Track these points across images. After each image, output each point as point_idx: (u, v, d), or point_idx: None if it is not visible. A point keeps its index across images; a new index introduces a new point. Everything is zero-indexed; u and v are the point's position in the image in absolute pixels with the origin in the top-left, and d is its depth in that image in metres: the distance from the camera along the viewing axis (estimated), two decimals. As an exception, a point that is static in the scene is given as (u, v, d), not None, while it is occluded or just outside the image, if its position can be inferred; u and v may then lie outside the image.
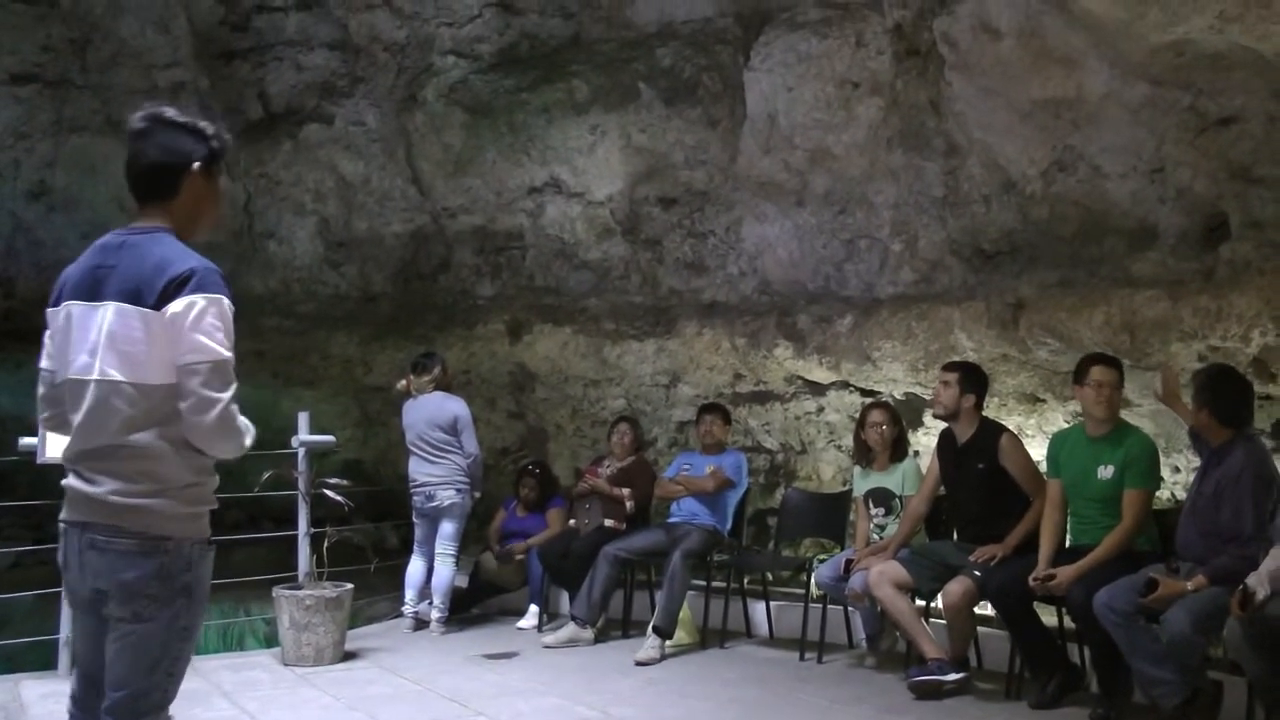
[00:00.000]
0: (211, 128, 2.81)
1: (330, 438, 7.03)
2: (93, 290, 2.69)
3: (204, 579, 2.79)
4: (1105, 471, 5.02)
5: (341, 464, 8.78)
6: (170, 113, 2.78)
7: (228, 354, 2.65)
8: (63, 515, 2.76)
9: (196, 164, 2.77)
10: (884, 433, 6.17)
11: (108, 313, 2.65)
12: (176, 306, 2.60)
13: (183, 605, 2.71)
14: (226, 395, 2.64)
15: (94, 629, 2.74)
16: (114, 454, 2.65)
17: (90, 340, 2.66)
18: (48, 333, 2.81)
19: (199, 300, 2.61)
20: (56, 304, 2.78)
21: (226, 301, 2.68)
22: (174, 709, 2.79)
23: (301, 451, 6.63)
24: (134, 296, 2.63)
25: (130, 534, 2.64)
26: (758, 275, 7.47)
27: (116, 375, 2.63)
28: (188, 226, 2.81)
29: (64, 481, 2.75)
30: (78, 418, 2.67)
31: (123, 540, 2.64)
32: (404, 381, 7.34)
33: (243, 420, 2.74)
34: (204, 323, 2.61)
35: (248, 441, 2.79)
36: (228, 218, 9.31)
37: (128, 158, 2.79)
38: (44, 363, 2.83)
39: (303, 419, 6.74)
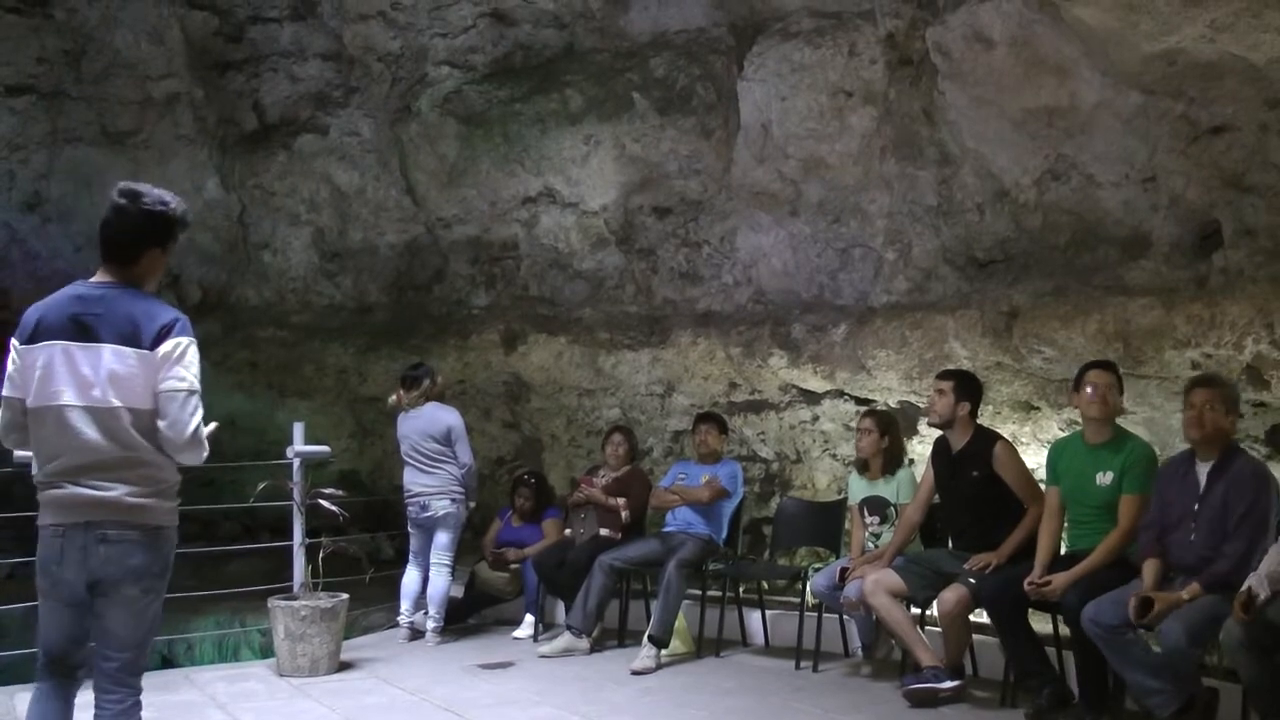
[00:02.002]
0: (176, 210, 3.40)
1: (325, 448, 7.01)
2: (83, 334, 3.25)
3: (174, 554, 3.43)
4: (1104, 478, 5.01)
5: (337, 474, 8.77)
6: (146, 199, 3.35)
7: (198, 386, 3.29)
8: (58, 519, 3.26)
9: (158, 249, 3.39)
10: (871, 440, 6.19)
11: (105, 353, 3.22)
12: (166, 347, 3.25)
13: (166, 577, 3.37)
14: (198, 417, 3.27)
15: (75, 616, 3.29)
16: (124, 464, 3.24)
17: (83, 375, 3.22)
18: (16, 364, 3.31)
19: (182, 340, 3.29)
20: (33, 341, 3.29)
21: (195, 344, 3.34)
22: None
23: (296, 462, 6.62)
24: (130, 340, 3.24)
25: (136, 527, 3.25)
26: (752, 284, 7.48)
27: (117, 402, 3.22)
28: (141, 284, 3.40)
29: (55, 491, 3.27)
30: (77, 438, 3.21)
31: (132, 532, 3.24)
32: (395, 396, 7.35)
33: (205, 436, 3.35)
34: (185, 359, 3.28)
35: (205, 454, 3.38)
36: (223, 229, 9.33)
37: (103, 223, 3.36)
38: (9, 391, 3.34)
39: (297, 430, 6.74)
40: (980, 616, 5.48)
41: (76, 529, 3.22)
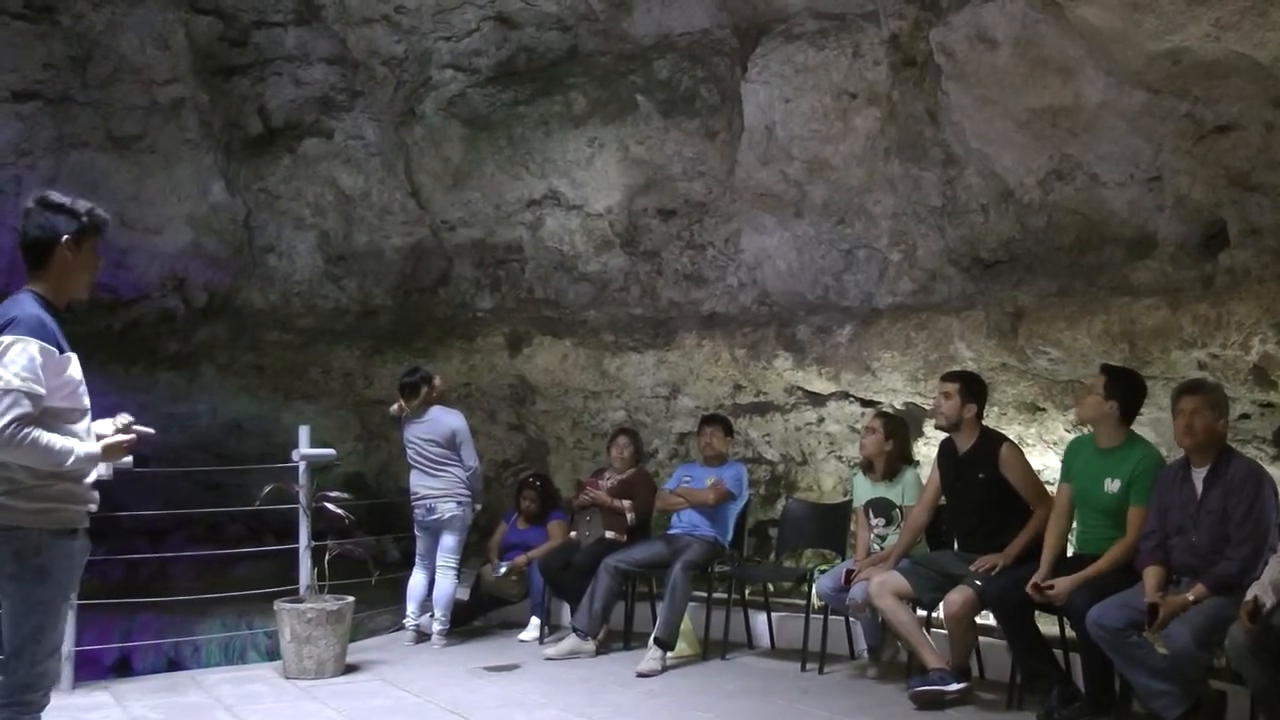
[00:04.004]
0: (85, 207, 3.43)
1: (331, 451, 7.04)
2: None
3: (59, 561, 3.34)
4: (1112, 485, 5.00)
5: (342, 477, 8.78)
6: (53, 197, 3.42)
7: (18, 384, 3.18)
8: None
9: (65, 237, 3.38)
10: (874, 440, 6.18)
11: None
12: None
13: (36, 583, 3.29)
14: (8, 416, 3.15)
15: None
16: None
17: None
18: None
19: (4, 339, 3.22)
20: None
21: (35, 343, 3.23)
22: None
23: (302, 465, 6.65)
24: None
25: None
26: (757, 286, 7.47)
27: None
28: (62, 288, 3.45)
29: None
30: None
31: None
32: (397, 406, 7.37)
33: (49, 440, 3.23)
34: (4, 358, 3.20)
35: (66, 462, 3.28)
36: (228, 232, 9.35)
37: (19, 232, 3.42)
38: None
39: (303, 433, 6.76)
40: (986, 618, 5.47)
41: None
